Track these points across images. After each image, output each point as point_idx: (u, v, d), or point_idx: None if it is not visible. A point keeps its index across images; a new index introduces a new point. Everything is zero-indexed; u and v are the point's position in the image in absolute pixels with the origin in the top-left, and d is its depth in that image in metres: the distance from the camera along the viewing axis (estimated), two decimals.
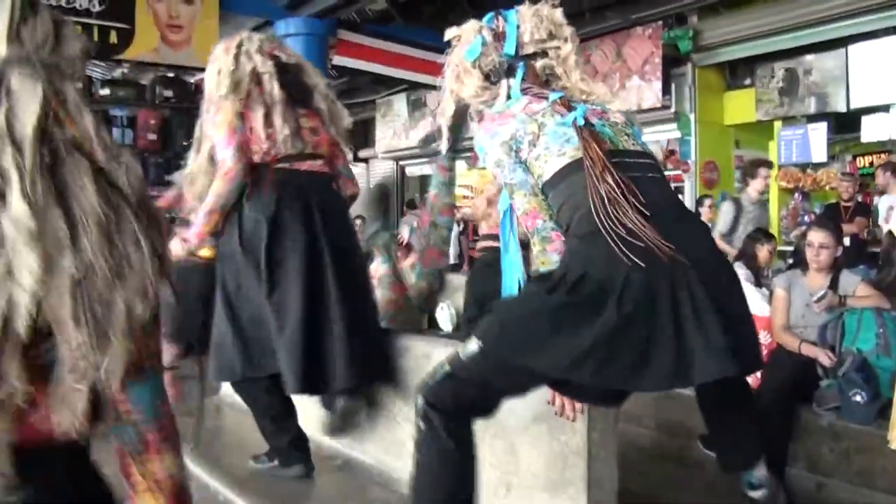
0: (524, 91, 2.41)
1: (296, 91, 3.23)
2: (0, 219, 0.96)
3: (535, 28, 2.48)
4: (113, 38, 9.72)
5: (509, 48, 2.46)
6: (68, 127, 1.04)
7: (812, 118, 9.69)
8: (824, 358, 4.12)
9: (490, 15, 2.54)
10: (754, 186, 7.64)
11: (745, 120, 10.58)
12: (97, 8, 9.49)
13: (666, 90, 10.55)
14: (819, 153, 9.56)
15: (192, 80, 11.60)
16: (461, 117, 2.76)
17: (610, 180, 2.13)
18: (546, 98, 2.35)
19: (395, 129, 15.81)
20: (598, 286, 1.97)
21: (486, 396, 2.20)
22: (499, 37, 2.48)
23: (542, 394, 2.35)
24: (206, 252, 3.36)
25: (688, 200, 10.75)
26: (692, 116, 10.56)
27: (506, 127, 2.30)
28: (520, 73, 2.43)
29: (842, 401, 4.02)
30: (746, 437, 2.57)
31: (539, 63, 2.48)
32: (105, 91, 10.36)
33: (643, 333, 1.93)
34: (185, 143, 10.77)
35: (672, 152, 12.04)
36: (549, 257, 2.17)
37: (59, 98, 1.04)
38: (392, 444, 3.09)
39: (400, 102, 15.55)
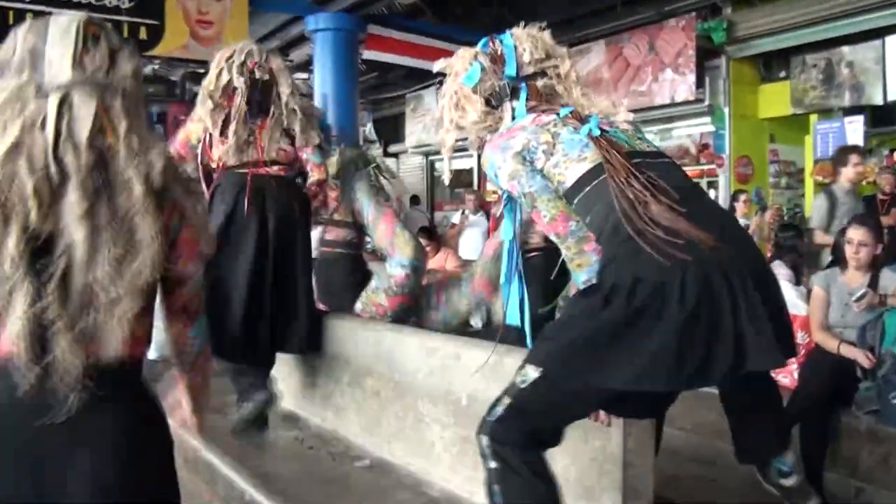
0: (530, 110, 2.41)
1: (259, 104, 3.74)
2: (62, 202, 1.39)
3: (533, 48, 2.52)
4: (143, 34, 9.76)
5: (510, 70, 2.47)
6: (108, 136, 1.45)
7: (848, 111, 9.51)
8: (863, 359, 4.01)
9: (484, 40, 2.57)
10: (846, 175, 7.30)
11: (779, 113, 10.41)
12: (126, 5, 9.54)
13: (700, 83, 10.40)
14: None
15: None
16: None
17: (636, 184, 2.13)
18: (556, 113, 2.35)
19: (425, 123, 15.77)
20: (654, 289, 1.94)
21: (553, 424, 2.12)
22: (496, 60, 2.48)
23: None
24: None
25: (722, 195, 10.62)
26: (726, 110, 10.40)
27: (516, 139, 2.29)
28: (523, 93, 2.44)
29: (881, 404, 3.93)
30: (768, 426, 2.49)
31: (540, 83, 2.50)
32: None
33: (706, 329, 1.92)
34: None
35: (705, 146, 11.89)
36: (587, 257, 2.12)
37: (106, 112, 1.46)
38: (420, 446, 3.05)
39: (430, 97, 15.50)
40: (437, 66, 2.58)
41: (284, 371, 4.27)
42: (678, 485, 2.92)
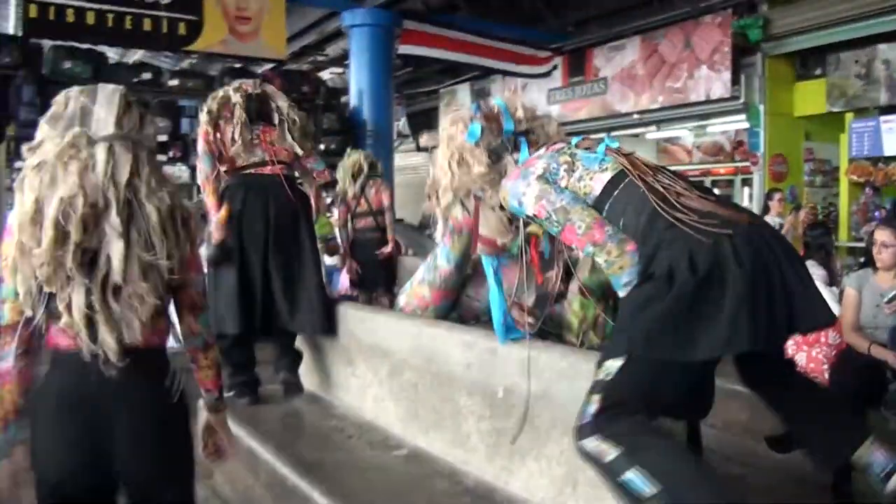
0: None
1: (258, 113, 4.41)
2: (104, 225, 1.95)
3: (523, 107, 2.72)
4: (181, 30, 9.91)
5: (509, 125, 2.64)
6: (135, 178, 1.99)
7: (885, 110, 9.42)
8: (894, 361, 4.04)
9: (474, 105, 2.75)
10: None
11: (815, 111, 10.33)
12: (166, 0, 9.69)
13: (735, 80, 10.37)
14: (892, 146, 9.29)
15: (259, 71, 11.76)
16: None
17: (664, 179, 2.31)
18: (567, 142, 2.55)
19: None
20: (713, 259, 2.05)
21: (647, 410, 2.12)
22: (491, 119, 2.64)
23: None
24: None
25: (756, 193, 10.58)
26: (762, 107, 10.34)
27: (536, 165, 2.43)
28: (524, 145, 2.60)
29: None
30: (833, 426, 2.51)
31: (532, 138, 2.68)
32: (174, 82, 10.54)
33: (765, 291, 2.05)
34: None
35: (740, 143, 11.85)
36: (628, 258, 2.20)
37: (135, 160, 2.01)
38: (457, 437, 3.13)
39: (464, 92, 15.56)
40: (423, 142, 2.76)
41: (324, 362, 4.39)
42: None
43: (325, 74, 14.63)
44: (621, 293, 2.23)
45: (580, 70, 12.83)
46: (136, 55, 13.13)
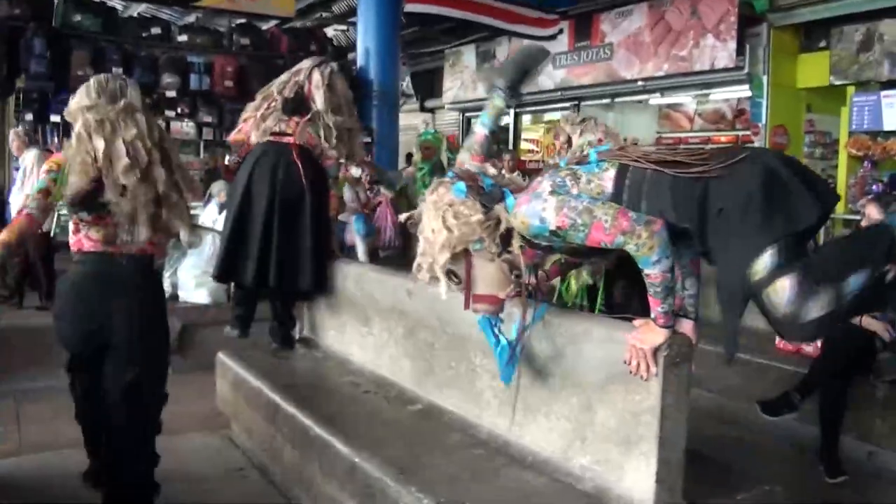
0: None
1: (293, 109, 4.69)
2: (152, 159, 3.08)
3: (493, 167, 2.95)
4: None
5: (488, 181, 2.75)
6: (158, 133, 3.20)
7: (886, 85, 9.52)
8: (884, 332, 4.23)
9: (450, 172, 2.86)
10: None
11: (818, 84, 10.41)
12: None
13: (740, 50, 10.44)
14: (892, 121, 9.40)
15: (265, 28, 11.79)
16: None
17: (664, 152, 2.58)
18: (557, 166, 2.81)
19: (463, 80, 15.85)
20: (752, 163, 2.40)
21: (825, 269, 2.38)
22: (469, 178, 2.74)
23: (619, 355, 2.56)
24: None
25: None
26: (765, 78, 10.42)
27: (542, 185, 2.60)
28: (507, 193, 2.70)
29: None
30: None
31: (511, 188, 2.77)
32: (183, 37, 10.58)
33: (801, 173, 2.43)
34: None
35: (742, 111, 11.92)
36: (658, 237, 2.37)
37: (156, 124, 3.23)
38: (471, 394, 3.31)
39: (469, 54, 15.57)
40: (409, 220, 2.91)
41: (340, 320, 4.56)
42: (704, 442, 3.18)
43: (329, 31, 14.63)
44: (650, 270, 2.40)
45: (586, 35, 12.85)
46: (139, 7, 13.14)
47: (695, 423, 2.64)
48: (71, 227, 3.17)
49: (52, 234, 6.41)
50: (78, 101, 3.13)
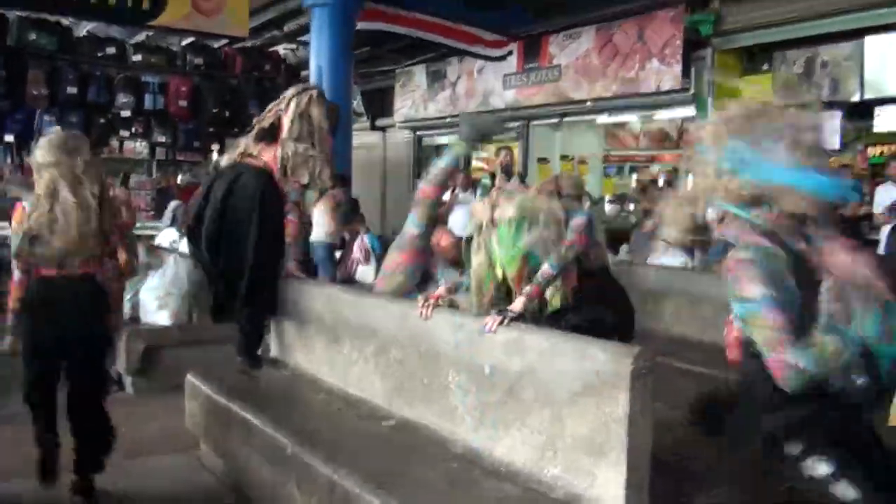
0: None
1: (264, 136, 4.78)
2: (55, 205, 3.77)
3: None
4: (145, 4, 9.92)
5: None
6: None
7: (826, 106, 9.91)
8: None
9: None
10: None
11: None
12: None
13: (685, 73, 10.78)
14: (832, 141, 9.80)
15: (217, 46, 11.81)
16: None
17: None
18: None
19: (414, 99, 16.03)
20: None
21: None
22: None
23: (588, 368, 2.71)
24: None
25: None
26: (710, 100, 10.77)
27: None
28: None
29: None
30: None
31: None
32: (137, 57, 10.61)
33: None
34: (214, 111, 11.10)
35: (686, 131, 12.29)
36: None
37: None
38: (445, 409, 3.42)
39: (420, 73, 15.76)
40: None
41: (309, 341, 4.64)
42: (670, 449, 3.34)
43: (280, 50, 14.68)
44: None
45: (535, 56, 13.13)
46: (90, 25, 13.06)
47: (658, 433, 2.79)
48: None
49: None
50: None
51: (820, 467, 2.37)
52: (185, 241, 7.51)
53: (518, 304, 3.35)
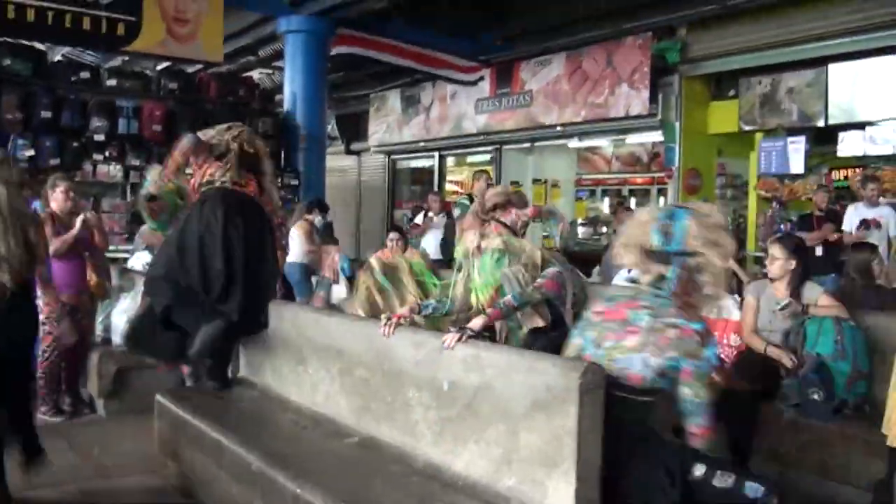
0: None
1: (248, 166, 4.98)
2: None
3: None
4: (120, 30, 10.01)
5: None
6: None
7: (792, 131, 10.13)
8: (787, 360, 4.55)
9: None
10: None
11: (728, 130, 11.01)
12: (105, 0, 9.80)
13: (653, 99, 10.98)
14: (797, 165, 10.02)
15: (191, 71, 11.89)
16: None
17: None
18: None
19: (389, 123, 16.16)
20: None
21: None
22: None
23: (542, 383, 2.81)
24: None
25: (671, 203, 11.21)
26: (677, 125, 10.99)
27: None
28: None
29: (801, 399, 4.42)
30: None
31: None
32: (112, 82, 10.64)
33: None
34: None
35: (657, 154, 12.49)
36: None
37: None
38: (406, 426, 3.50)
39: (394, 98, 15.90)
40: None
41: (276, 361, 4.70)
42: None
43: (255, 75, 14.80)
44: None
45: (507, 82, 13.32)
46: (64, 49, 13.13)
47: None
48: None
49: None
50: None
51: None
52: None
53: (477, 323, 3.43)
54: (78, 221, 5.83)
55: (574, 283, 3.81)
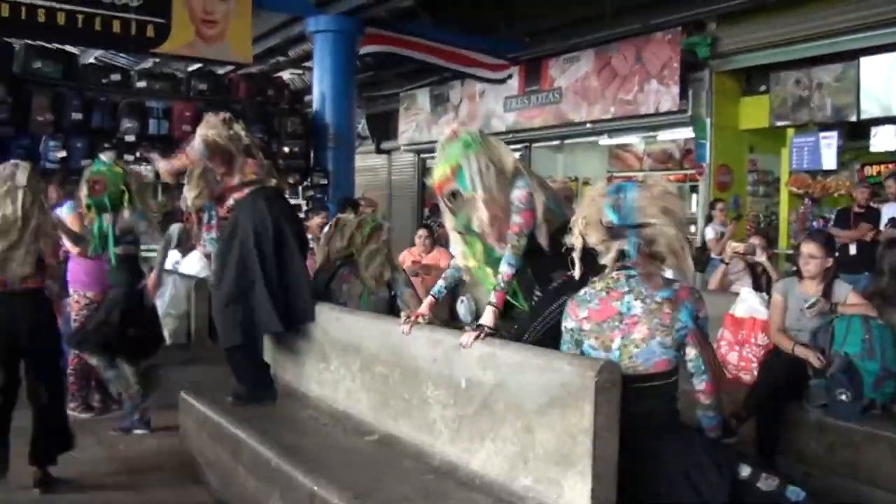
0: None
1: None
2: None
3: None
4: (150, 32, 10.11)
5: None
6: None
7: (824, 126, 9.98)
8: (815, 360, 4.47)
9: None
10: None
11: (759, 125, 10.87)
12: (135, 3, 9.88)
13: (683, 94, 10.87)
14: (829, 161, 9.86)
15: (221, 73, 11.98)
16: None
17: None
18: None
19: (418, 122, 16.17)
20: None
21: None
22: None
23: (556, 381, 2.78)
24: None
25: (702, 201, 11.10)
26: (708, 121, 10.87)
27: None
28: None
29: (829, 399, 4.36)
30: None
31: None
32: (142, 83, 10.74)
33: None
34: None
35: (689, 151, 12.34)
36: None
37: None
38: (424, 423, 3.49)
39: (423, 96, 15.91)
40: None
41: (299, 358, 4.72)
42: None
43: (286, 75, 14.88)
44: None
45: (536, 79, 13.27)
46: (97, 52, 13.28)
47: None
48: None
49: None
50: None
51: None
52: (185, 261, 7.64)
53: (489, 318, 3.34)
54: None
55: (546, 195, 3.44)
